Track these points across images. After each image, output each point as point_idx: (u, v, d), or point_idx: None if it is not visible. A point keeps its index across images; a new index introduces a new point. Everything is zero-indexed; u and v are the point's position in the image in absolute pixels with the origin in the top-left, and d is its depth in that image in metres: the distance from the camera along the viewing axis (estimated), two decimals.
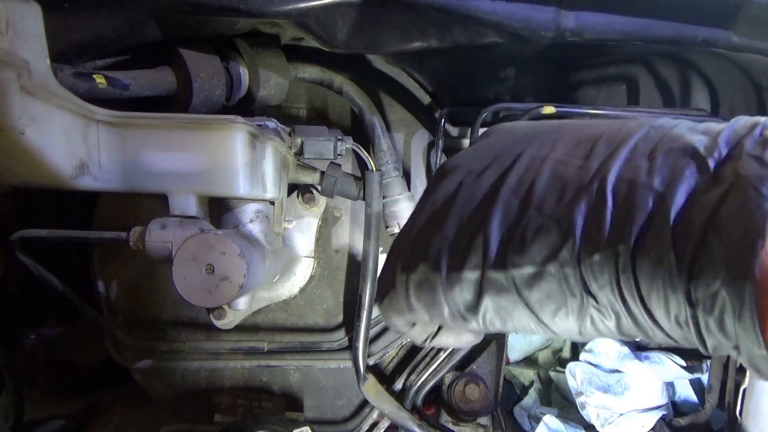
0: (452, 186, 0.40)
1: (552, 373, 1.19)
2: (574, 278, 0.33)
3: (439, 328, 0.44)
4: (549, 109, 0.98)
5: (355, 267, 1.07)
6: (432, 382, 1.07)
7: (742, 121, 0.34)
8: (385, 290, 0.42)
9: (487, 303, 0.36)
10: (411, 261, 0.39)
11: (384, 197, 1.01)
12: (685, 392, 1.08)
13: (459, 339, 0.45)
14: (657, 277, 0.30)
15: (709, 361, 1.01)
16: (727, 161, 0.30)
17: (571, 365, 1.07)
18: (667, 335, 0.32)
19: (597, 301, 0.32)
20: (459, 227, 0.38)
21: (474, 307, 0.37)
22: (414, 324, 0.43)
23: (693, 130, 0.34)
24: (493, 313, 0.37)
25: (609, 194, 0.33)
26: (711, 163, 0.31)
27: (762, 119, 0.33)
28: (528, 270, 0.34)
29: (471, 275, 0.36)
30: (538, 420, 1.07)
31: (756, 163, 0.29)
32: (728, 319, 0.28)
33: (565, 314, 0.34)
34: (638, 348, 1.03)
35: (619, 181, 0.33)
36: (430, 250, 0.38)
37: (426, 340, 0.45)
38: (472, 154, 0.42)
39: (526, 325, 0.36)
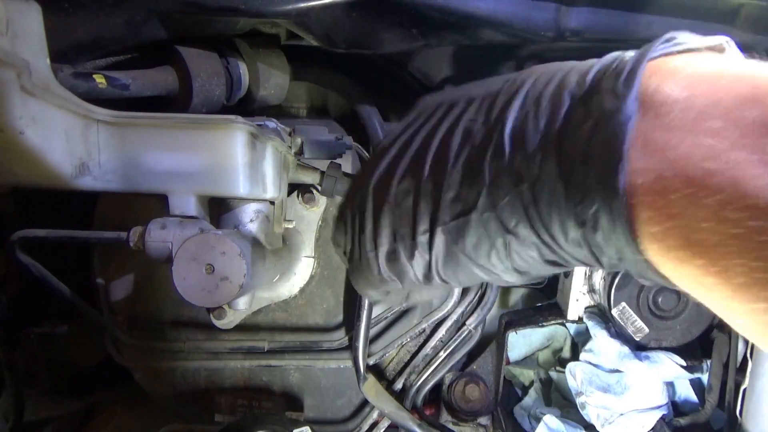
0: (388, 162, 0.44)
1: (552, 373, 1.19)
2: (494, 221, 0.37)
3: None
4: None
5: None
6: (432, 382, 1.07)
7: (610, 56, 0.38)
8: (357, 267, 0.49)
9: (437, 261, 0.41)
10: (376, 236, 0.44)
11: None
12: (685, 392, 1.08)
13: (430, 292, 0.51)
14: (553, 207, 0.34)
15: (709, 361, 1.01)
16: (593, 96, 0.34)
17: (571, 365, 1.07)
18: (574, 258, 0.36)
19: (517, 237, 0.37)
20: (404, 196, 0.42)
21: (429, 267, 0.42)
22: (388, 292, 0.49)
23: (573, 71, 0.38)
24: (444, 268, 0.41)
25: (507, 141, 0.37)
26: (583, 100, 0.35)
27: (623, 53, 0.37)
28: (456, 222, 0.39)
29: (422, 238, 0.41)
30: (538, 420, 1.07)
31: (611, 96, 0.33)
32: (608, 233, 0.32)
33: (497, 255, 0.39)
34: (638, 348, 1.03)
35: (513, 129, 0.37)
36: (391, 224, 0.43)
37: (401, 302, 0.51)
38: (402, 127, 0.46)
39: (471, 272, 0.41)
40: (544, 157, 0.35)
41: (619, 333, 1.04)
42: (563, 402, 1.16)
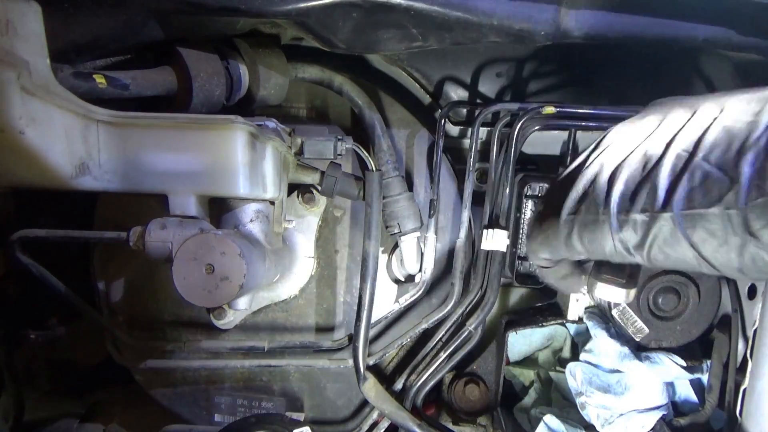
0: (623, 145, 0.47)
1: (552, 373, 1.19)
2: (737, 219, 0.38)
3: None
4: (549, 109, 0.98)
5: (355, 267, 1.07)
6: (432, 382, 1.07)
7: None
8: (542, 229, 0.51)
9: (653, 241, 0.42)
10: (577, 205, 0.47)
11: (384, 197, 1.02)
12: (685, 392, 1.07)
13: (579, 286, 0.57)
14: None
15: (709, 361, 1.01)
16: None
17: (571, 365, 1.07)
18: None
19: (759, 241, 0.37)
20: (629, 178, 0.44)
21: (641, 245, 0.43)
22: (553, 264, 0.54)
23: None
24: (657, 250, 0.43)
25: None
26: None
27: None
28: (694, 211, 0.40)
29: (639, 217, 0.43)
30: (538, 420, 1.07)
31: None
32: None
33: (726, 251, 0.39)
34: (638, 348, 1.03)
35: None
36: (602, 197, 0.45)
37: (556, 280, 0.57)
38: (642, 117, 0.50)
39: (688, 259, 0.42)
40: None
41: (619, 333, 1.04)
42: (563, 402, 1.16)
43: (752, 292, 0.95)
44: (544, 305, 1.18)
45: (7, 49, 0.62)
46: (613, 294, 0.60)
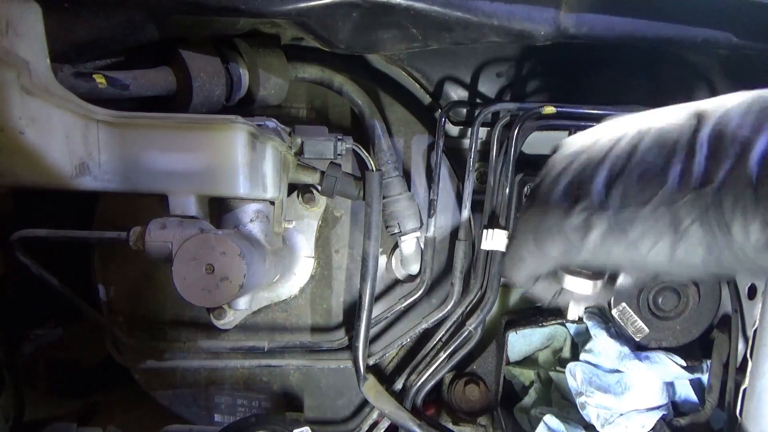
0: (566, 158, 0.49)
1: (552, 373, 1.19)
2: (666, 218, 0.39)
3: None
4: (549, 109, 0.98)
5: (355, 267, 1.07)
6: (432, 382, 1.07)
7: None
8: (510, 250, 0.54)
9: (594, 239, 0.44)
10: (532, 211, 0.50)
11: (384, 197, 1.01)
12: (685, 392, 1.07)
13: (580, 293, 0.56)
14: (737, 210, 0.36)
15: (709, 361, 1.01)
16: None
17: (571, 365, 1.07)
18: (750, 259, 0.38)
19: (687, 236, 0.39)
20: (570, 183, 0.46)
21: (580, 245, 0.45)
22: (537, 279, 0.54)
23: None
24: (598, 249, 0.44)
25: (704, 144, 0.39)
26: None
27: None
28: (626, 211, 0.41)
29: (579, 216, 0.44)
30: (538, 420, 1.07)
31: None
32: None
33: (660, 249, 0.40)
34: (638, 348, 1.03)
35: (712, 133, 0.39)
36: (551, 199, 0.47)
37: (552, 297, 0.58)
38: (583, 135, 0.51)
39: (626, 259, 0.43)
40: (738, 162, 0.36)
41: (619, 333, 1.04)
42: (563, 402, 1.16)
43: (752, 292, 0.95)
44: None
45: (7, 49, 0.62)
46: (581, 286, 0.60)
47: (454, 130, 1.12)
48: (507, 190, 1.01)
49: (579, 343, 1.17)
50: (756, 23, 0.76)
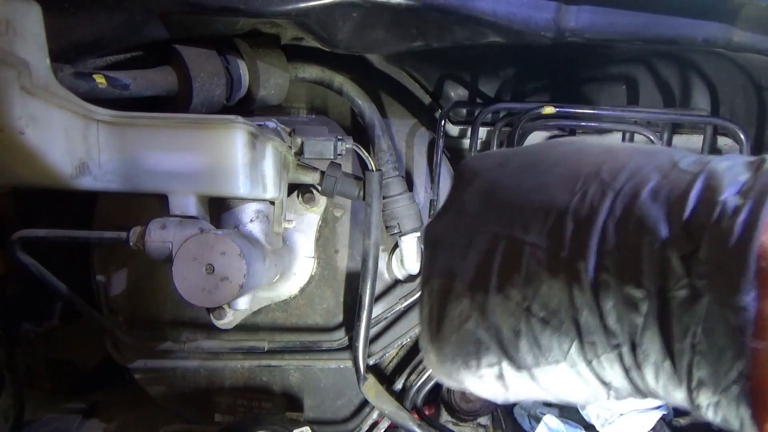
0: (443, 265, 0.40)
1: None
2: (589, 373, 0.34)
3: None
4: (549, 109, 0.98)
5: (355, 267, 1.07)
6: (432, 382, 1.06)
7: (693, 172, 0.32)
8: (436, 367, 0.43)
9: (512, 392, 0.38)
10: (439, 356, 0.41)
11: (384, 197, 1.01)
12: None
13: None
14: (660, 377, 0.31)
15: None
16: (698, 265, 0.30)
17: None
18: (680, 407, 0.34)
19: (616, 391, 0.34)
20: (463, 321, 0.38)
21: (503, 395, 0.38)
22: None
23: (659, 191, 0.32)
24: (520, 397, 0.38)
25: (588, 289, 0.32)
26: (684, 262, 0.30)
27: (705, 164, 0.32)
28: (539, 369, 0.35)
29: (489, 372, 0.37)
30: (538, 420, 1.07)
31: (722, 275, 0.29)
32: (725, 411, 0.30)
33: (589, 395, 0.36)
34: None
35: (595, 277, 0.32)
36: (453, 344, 0.39)
37: None
38: (453, 216, 0.41)
39: (552, 399, 0.38)
40: (645, 325, 0.31)
41: None
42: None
43: None
44: None
45: (7, 49, 0.62)
46: None
47: (454, 130, 1.12)
48: None
49: None
50: (756, 23, 0.76)
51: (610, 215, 0.33)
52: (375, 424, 1.08)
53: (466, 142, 1.12)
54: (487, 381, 0.38)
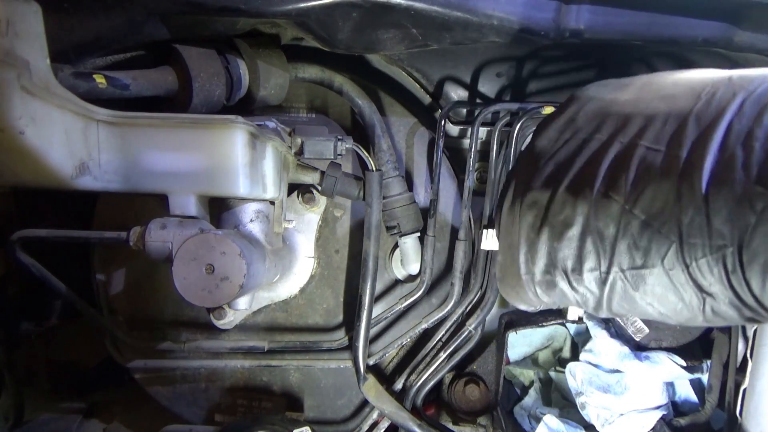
0: (545, 177, 0.42)
1: (552, 373, 1.19)
2: (684, 278, 0.35)
3: None
4: (549, 109, 0.98)
5: (355, 267, 1.07)
6: (432, 382, 1.07)
7: None
8: (510, 285, 0.48)
9: (610, 300, 0.40)
10: (532, 265, 0.43)
11: (384, 197, 1.01)
12: (685, 392, 1.07)
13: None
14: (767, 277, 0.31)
15: (709, 361, 1.01)
16: None
17: (571, 365, 1.07)
18: None
19: (714, 298, 0.35)
20: (564, 227, 0.40)
21: (599, 302, 0.40)
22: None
23: None
24: (617, 306, 0.40)
25: (703, 189, 0.32)
26: None
27: None
28: (636, 272, 0.36)
29: (590, 276, 0.39)
30: (538, 420, 1.07)
31: None
32: None
33: (687, 308, 0.36)
34: (638, 348, 1.03)
35: (713, 177, 0.32)
36: (547, 253, 0.41)
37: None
38: (558, 131, 0.43)
39: (648, 314, 0.39)
40: (758, 223, 0.30)
41: (619, 333, 1.04)
42: (563, 402, 1.16)
43: None
44: None
45: (7, 49, 0.62)
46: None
47: (454, 130, 1.12)
48: None
49: (579, 343, 1.17)
50: (756, 23, 0.76)
51: (738, 115, 0.32)
52: (375, 424, 1.08)
53: (466, 142, 1.12)
54: (586, 286, 0.40)
